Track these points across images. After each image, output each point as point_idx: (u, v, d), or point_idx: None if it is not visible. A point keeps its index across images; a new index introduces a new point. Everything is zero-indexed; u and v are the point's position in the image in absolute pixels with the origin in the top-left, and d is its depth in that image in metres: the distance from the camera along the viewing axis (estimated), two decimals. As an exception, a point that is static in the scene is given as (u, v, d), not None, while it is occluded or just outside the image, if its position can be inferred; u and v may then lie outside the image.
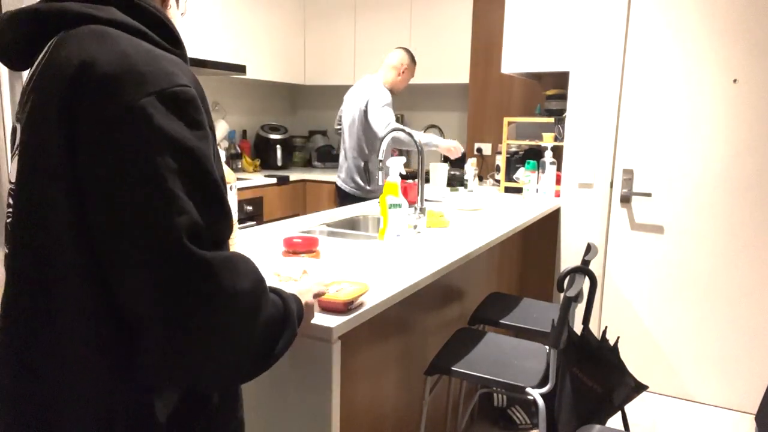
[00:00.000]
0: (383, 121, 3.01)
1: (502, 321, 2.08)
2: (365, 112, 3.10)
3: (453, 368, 1.68)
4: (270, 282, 1.16)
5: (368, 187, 3.22)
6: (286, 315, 0.80)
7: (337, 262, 1.60)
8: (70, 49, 0.68)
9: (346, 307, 1.19)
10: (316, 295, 1.03)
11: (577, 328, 1.77)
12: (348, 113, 3.24)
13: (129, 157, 0.64)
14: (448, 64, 3.82)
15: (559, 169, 2.96)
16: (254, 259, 1.00)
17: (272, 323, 0.76)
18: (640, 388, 1.71)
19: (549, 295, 3.14)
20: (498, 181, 3.38)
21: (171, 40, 0.79)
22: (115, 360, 0.69)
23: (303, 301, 0.93)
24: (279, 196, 3.78)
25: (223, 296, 0.66)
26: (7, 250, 0.74)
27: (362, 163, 3.18)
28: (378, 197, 3.12)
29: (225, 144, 3.96)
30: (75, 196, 0.66)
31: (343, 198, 3.29)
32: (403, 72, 3.18)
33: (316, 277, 1.19)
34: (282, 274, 1.22)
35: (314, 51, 4.32)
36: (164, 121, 0.65)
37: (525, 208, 2.70)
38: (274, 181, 3.72)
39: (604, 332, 1.78)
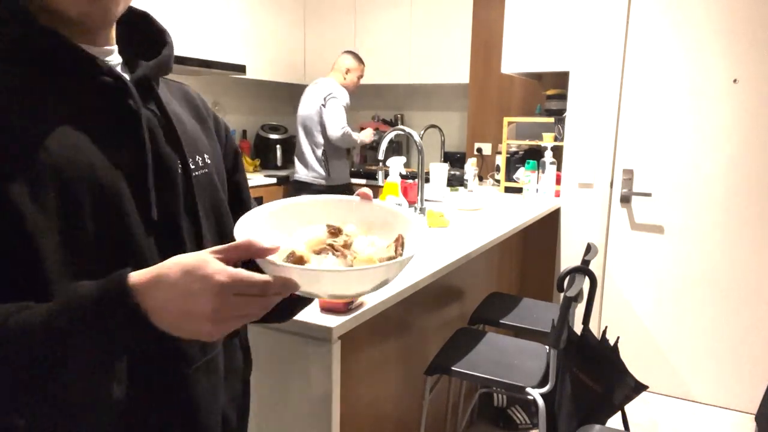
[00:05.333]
0: (339, 120, 3.34)
1: (502, 321, 2.08)
2: (322, 106, 3.40)
3: (453, 368, 1.68)
4: None
5: (330, 176, 3.51)
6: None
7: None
8: None
9: (346, 307, 1.19)
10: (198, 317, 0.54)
11: (577, 328, 1.77)
12: (304, 111, 3.47)
13: None
14: (448, 64, 3.82)
15: (559, 169, 2.96)
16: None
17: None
18: (640, 388, 1.71)
19: (549, 295, 3.14)
20: (498, 181, 3.38)
21: None
22: None
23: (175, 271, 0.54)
24: (279, 196, 3.78)
25: None
26: None
27: (321, 154, 3.45)
28: (335, 186, 3.49)
29: (225, 144, 3.96)
30: None
31: (305, 191, 3.48)
32: (347, 73, 3.52)
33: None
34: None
35: (314, 50, 4.32)
36: None
37: (525, 208, 2.70)
38: (274, 180, 3.72)
39: (604, 332, 1.78)
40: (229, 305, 0.53)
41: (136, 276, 0.55)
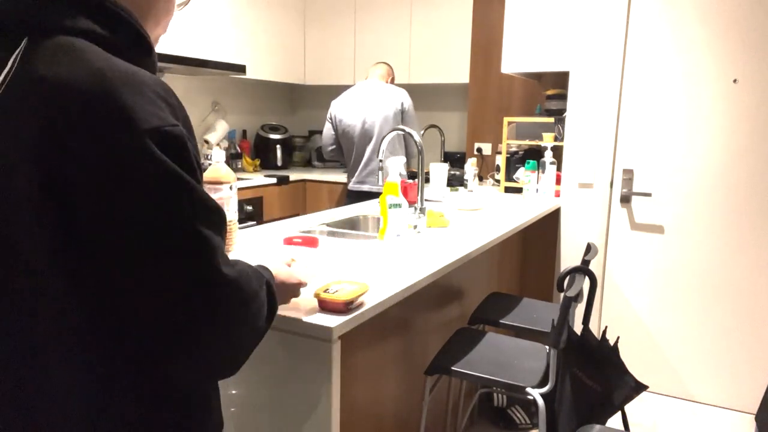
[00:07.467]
0: (417, 123, 3.31)
1: (502, 321, 2.08)
2: (402, 112, 3.22)
3: (453, 368, 1.68)
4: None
5: None
6: (268, 295, 0.86)
7: (336, 261, 1.60)
8: (41, 66, 0.65)
9: (346, 307, 1.19)
10: (295, 285, 1.10)
11: (577, 328, 1.77)
12: (375, 116, 3.22)
13: (146, 204, 0.64)
14: (448, 64, 3.82)
15: (559, 169, 2.96)
16: (254, 259, 1.00)
17: (261, 305, 0.81)
18: (640, 388, 1.71)
19: (549, 295, 3.14)
20: (498, 181, 3.38)
21: (141, 48, 0.75)
22: (100, 379, 0.70)
23: (276, 278, 1.01)
24: (279, 196, 3.78)
25: (243, 310, 0.74)
26: None
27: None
28: None
29: (225, 144, 3.96)
30: (54, 220, 0.64)
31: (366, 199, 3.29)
32: (392, 81, 3.41)
33: (304, 266, 1.29)
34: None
35: (314, 51, 4.32)
36: (166, 163, 0.66)
37: (525, 208, 2.70)
38: (274, 180, 3.72)
39: (604, 332, 1.78)
40: (299, 290, 1.13)
41: (270, 271, 0.96)
